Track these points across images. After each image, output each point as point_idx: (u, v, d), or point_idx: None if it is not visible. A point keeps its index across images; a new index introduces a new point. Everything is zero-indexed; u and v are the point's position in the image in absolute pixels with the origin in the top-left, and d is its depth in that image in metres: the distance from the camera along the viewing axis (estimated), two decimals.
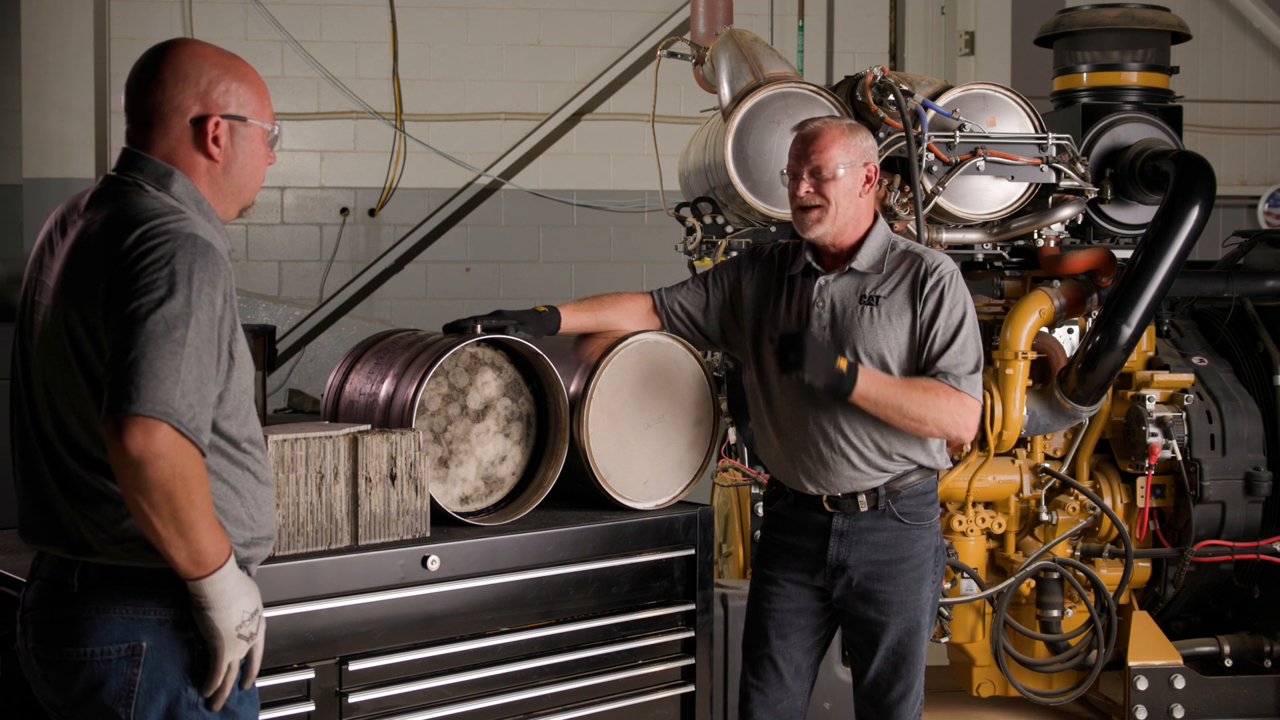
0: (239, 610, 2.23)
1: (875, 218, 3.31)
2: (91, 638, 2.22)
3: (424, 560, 3.01)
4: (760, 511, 4.39)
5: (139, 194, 2.28)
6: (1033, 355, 4.63)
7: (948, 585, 4.59)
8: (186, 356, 2.12)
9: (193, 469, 2.13)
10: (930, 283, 3.20)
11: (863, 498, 3.23)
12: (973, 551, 4.72)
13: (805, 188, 3.22)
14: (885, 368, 3.19)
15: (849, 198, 3.22)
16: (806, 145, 3.23)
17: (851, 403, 3.12)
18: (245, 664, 2.30)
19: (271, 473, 2.44)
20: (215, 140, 2.33)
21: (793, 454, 3.27)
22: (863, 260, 3.24)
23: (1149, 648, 4.73)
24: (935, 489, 3.34)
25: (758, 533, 4.43)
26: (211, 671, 2.25)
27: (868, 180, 3.26)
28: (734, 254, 4.26)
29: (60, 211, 2.37)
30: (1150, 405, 4.76)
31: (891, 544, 3.25)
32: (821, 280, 3.27)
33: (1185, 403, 4.82)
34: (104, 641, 2.22)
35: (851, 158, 3.21)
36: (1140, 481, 4.80)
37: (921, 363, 3.19)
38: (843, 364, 3.08)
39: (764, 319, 3.36)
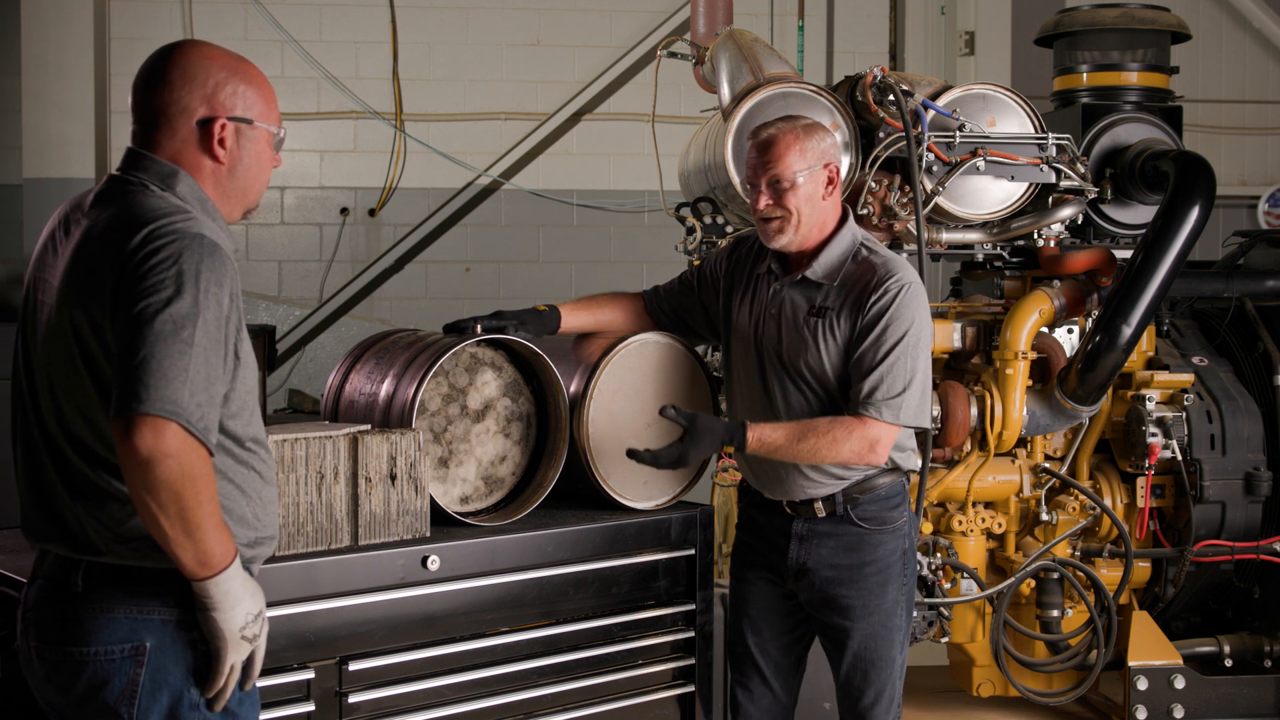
0: (243, 612, 2.23)
1: (844, 220, 3.19)
2: (95, 637, 2.22)
3: (424, 560, 3.02)
4: None
5: (144, 194, 2.27)
6: (1033, 355, 4.63)
7: (947, 585, 4.59)
8: (194, 356, 2.13)
9: (201, 469, 2.13)
10: (874, 297, 3.05)
11: (819, 505, 3.17)
12: (973, 551, 4.71)
13: (765, 200, 3.10)
14: (826, 384, 3.11)
15: (811, 204, 3.11)
16: (762, 155, 3.10)
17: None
18: (246, 665, 2.30)
19: (275, 472, 2.44)
20: (221, 142, 2.33)
21: (751, 458, 3.21)
22: (817, 269, 3.14)
23: (1149, 648, 4.73)
24: (902, 491, 3.24)
25: None
26: (214, 672, 2.25)
27: (830, 182, 3.13)
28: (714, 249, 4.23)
29: (63, 211, 2.37)
30: (1150, 405, 4.76)
31: (853, 548, 3.18)
32: (777, 285, 3.19)
33: (1185, 403, 4.81)
34: (107, 641, 2.22)
35: (809, 162, 3.09)
36: (1140, 481, 4.80)
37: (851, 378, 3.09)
38: (727, 435, 3.04)
39: (731, 319, 3.31)
